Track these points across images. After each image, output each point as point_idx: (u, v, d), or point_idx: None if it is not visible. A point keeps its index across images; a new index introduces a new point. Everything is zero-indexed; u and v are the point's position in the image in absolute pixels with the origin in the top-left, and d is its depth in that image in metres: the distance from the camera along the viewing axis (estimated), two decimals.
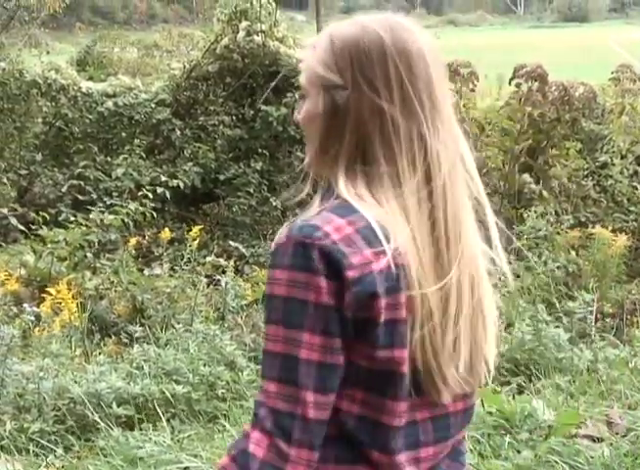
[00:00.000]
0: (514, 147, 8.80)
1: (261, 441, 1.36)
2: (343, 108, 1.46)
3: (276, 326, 1.37)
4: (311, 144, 1.53)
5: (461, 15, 69.35)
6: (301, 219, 1.40)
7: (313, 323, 1.35)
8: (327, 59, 1.50)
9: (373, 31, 1.49)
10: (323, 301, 1.35)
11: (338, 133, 1.47)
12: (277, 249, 1.39)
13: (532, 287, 6.51)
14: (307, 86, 1.53)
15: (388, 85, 1.46)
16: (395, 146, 1.45)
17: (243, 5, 10.87)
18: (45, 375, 4.56)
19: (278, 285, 1.37)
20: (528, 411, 3.93)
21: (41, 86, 10.46)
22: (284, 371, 1.36)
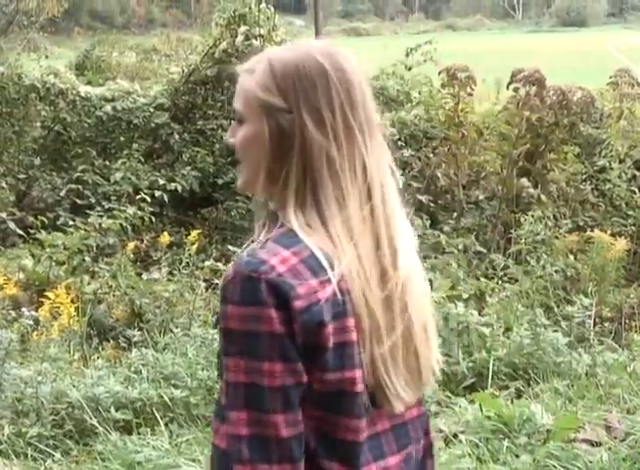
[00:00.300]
0: (512, 151, 8.81)
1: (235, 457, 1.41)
2: (289, 131, 1.49)
3: (236, 358, 1.42)
4: (251, 168, 1.55)
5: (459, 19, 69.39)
6: (247, 253, 1.44)
7: (270, 352, 1.40)
8: (268, 82, 1.52)
9: (313, 58, 1.52)
10: (276, 330, 1.40)
11: (285, 157, 1.49)
12: (226, 285, 1.43)
13: (531, 291, 6.51)
14: (245, 110, 1.55)
15: (332, 110, 1.49)
16: (339, 169, 1.48)
17: (241, 9, 10.87)
18: (43, 379, 4.56)
19: (232, 320, 1.41)
20: (527, 416, 3.93)
21: (40, 90, 10.46)
22: (251, 399, 1.41)
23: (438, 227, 8.49)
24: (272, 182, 1.52)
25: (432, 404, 4.52)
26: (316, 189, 1.48)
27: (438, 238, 8.02)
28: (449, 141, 9.24)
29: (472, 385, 4.93)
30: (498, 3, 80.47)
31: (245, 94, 1.55)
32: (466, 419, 4.07)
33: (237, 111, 1.57)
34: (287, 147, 1.49)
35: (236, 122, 1.59)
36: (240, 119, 1.56)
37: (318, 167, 1.48)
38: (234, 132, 1.58)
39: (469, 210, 9.11)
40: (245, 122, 1.55)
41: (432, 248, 8.00)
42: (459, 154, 9.16)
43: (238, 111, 1.57)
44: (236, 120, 1.59)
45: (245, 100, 1.55)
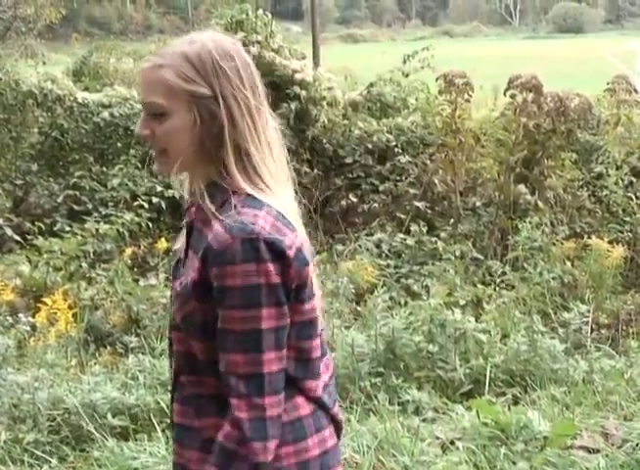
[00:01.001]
0: (509, 158, 8.82)
1: (240, 405, 1.69)
2: (219, 116, 1.72)
3: (237, 310, 1.68)
4: (179, 153, 1.76)
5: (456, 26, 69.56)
6: (232, 220, 1.68)
7: (268, 300, 1.68)
8: (190, 74, 1.72)
9: (219, 46, 1.75)
10: (272, 281, 1.68)
11: (218, 137, 1.73)
12: (225, 249, 1.66)
13: (528, 298, 6.52)
14: (170, 103, 1.73)
15: (245, 92, 1.75)
16: (260, 139, 1.76)
17: (239, 16, 10.88)
18: (40, 385, 4.55)
19: (232, 278, 1.66)
20: (524, 422, 3.93)
21: (37, 97, 10.46)
22: (249, 342, 1.68)
23: (435, 234, 8.48)
24: (205, 160, 1.76)
25: (428, 411, 4.52)
26: (250, 158, 1.75)
27: (435, 244, 8.02)
28: (446, 147, 9.25)
29: (469, 391, 4.93)
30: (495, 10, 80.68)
31: (166, 88, 1.72)
32: (463, 426, 4.07)
33: (155, 104, 1.74)
34: (219, 129, 1.73)
35: (149, 115, 1.76)
36: (160, 113, 1.74)
37: (246, 141, 1.74)
38: (149, 125, 1.76)
39: (466, 216, 9.11)
40: (168, 114, 1.74)
41: (429, 254, 8.00)
42: (456, 160, 9.16)
43: (157, 104, 1.73)
44: (149, 114, 1.76)
45: (168, 93, 1.72)
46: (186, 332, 1.78)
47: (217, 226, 1.69)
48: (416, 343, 5.13)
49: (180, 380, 1.85)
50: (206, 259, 1.69)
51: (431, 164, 9.49)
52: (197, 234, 1.80)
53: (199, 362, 1.78)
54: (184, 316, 1.77)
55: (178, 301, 1.78)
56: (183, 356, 1.81)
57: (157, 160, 1.81)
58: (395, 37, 60.20)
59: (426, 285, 7.07)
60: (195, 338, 1.77)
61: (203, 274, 1.71)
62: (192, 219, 1.84)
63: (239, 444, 1.68)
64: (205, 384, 1.79)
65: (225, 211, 1.72)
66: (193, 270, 1.74)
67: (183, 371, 1.83)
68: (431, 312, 5.33)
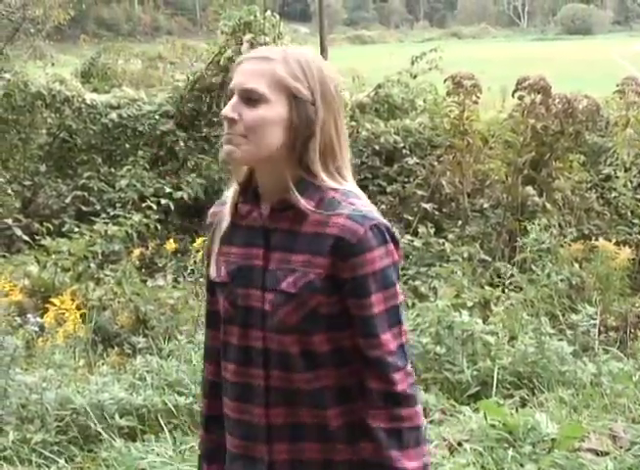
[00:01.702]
0: (517, 159, 8.81)
1: (402, 378, 1.80)
2: (315, 121, 1.81)
3: (379, 293, 1.79)
4: (264, 144, 1.80)
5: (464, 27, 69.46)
6: (351, 211, 1.79)
7: (396, 277, 1.83)
8: (299, 74, 1.81)
9: (322, 61, 1.88)
10: (396, 259, 1.83)
11: (308, 139, 1.81)
12: (359, 239, 1.77)
13: (536, 300, 6.50)
14: (270, 93, 1.80)
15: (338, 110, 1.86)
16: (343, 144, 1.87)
17: (247, 17, 10.89)
18: (48, 386, 4.56)
19: (371, 264, 1.78)
20: (532, 424, 3.92)
21: (46, 98, 10.48)
22: (392, 318, 1.81)
23: (443, 235, 8.48)
24: (287, 158, 1.82)
25: (436, 413, 4.52)
26: (334, 162, 1.85)
27: (443, 246, 8.02)
28: (454, 149, 9.24)
29: (476, 393, 4.92)
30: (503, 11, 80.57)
31: (272, 79, 1.80)
32: (470, 428, 4.07)
33: (254, 91, 1.80)
34: (311, 132, 1.81)
35: (242, 100, 1.81)
36: (256, 99, 1.80)
37: (332, 147, 1.84)
38: (238, 108, 1.81)
39: (473, 218, 9.11)
40: (264, 103, 1.80)
41: (436, 256, 7.99)
42: (464, 162, 9.15)
43: (256, 91, 1.80)
44: (242, 98, 1.81)
45: (272, 84, 1.80)
46: (308, 330, 1.81)
47: (341, 219, 1.78)
48: (423, 344, 5.13)
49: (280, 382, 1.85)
50: (339, 252, 1.78)
51: (438, 165, 9.49)
52: (284, 235, 1.84)
53: (318, 357, 1.82)
54: (305, 315, 1.80)
55: (294, 302, 1.80)
56: (297, 356, 1.83)
57: (231, 143, 1.82)
58: (403, 39, 60.18)
59: (433, 287, 7.06)
60: (317, 333, 1.81)
61: (332, 268, 1.79)
62: (261, 223, 1.87)
63: (404, 417, 1.80)
64: (322, 377, 1.83)
65: (324, 206, 1.80)
66: (314, 267, 1.79)
67: (297, 370, 1.83)
68: (438, 314, 5.33)
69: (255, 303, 1.85)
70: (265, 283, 1.84)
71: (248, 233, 1.89)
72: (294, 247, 1.81)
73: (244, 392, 1.89)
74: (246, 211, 1.90)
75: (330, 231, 1.78)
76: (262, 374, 1.86)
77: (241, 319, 1.87)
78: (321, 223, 1.80)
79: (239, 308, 1.88)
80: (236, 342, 1.89)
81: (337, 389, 1.84)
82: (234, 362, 1.90)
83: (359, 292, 1.79)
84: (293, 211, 1.82)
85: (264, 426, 1.87)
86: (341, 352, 1.83)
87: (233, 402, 1.92)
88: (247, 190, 1.90)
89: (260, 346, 1.85)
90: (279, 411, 1.86)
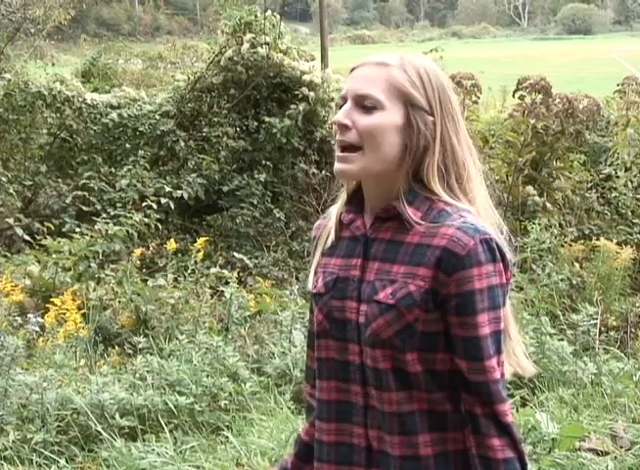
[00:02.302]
0: (517, 159, 8.81)
1: (505, 410, 1.68)
2: (430, 131, 1.72)
3: (485, 313, 1.67)
4: (381, 154, 1.72)
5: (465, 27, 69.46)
6: (462, 222, 1.68)
7: (503, 300, 1.70)
8: (417, 82, 1.73)
9: (442, 71, 1.79)
10: (503, 281, 1.70)
11: (424, 152, 1.73)
12: (468, 252, 1.66)
13: (536, 299, 6.50)
14: (387, 99, 1.72)
15: (459, 121, 1.77)
16: (461, 158, 1.77)
17: (247, 17, 10.90)
18: (49, 385, 4.56)
19: (479, 281, 1.66)
20: (532, 424, 3.92)
21: (46, 98, 10.49)
22: (496, 345, 1.68)
23: None
24: (400, 168, 1.73)
25: None
26: (451, 175, 1.75)
27: None
28: None
29: None
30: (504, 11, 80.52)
31: (389, 85, 1.72)
32: None
33: (370, 97, 1.72)
34: (426, 143, 1.72)
35: (356, 106, 1.73)
36: (371, 106, 1.72)
37: (450, 159, 1.75)
38: (352, 115, 1.73)
39: None
40: (380, 110, 1.72)
41: None
42: None
43: (373, 97, 1.72)
44: (357, 105, 1.73)
45: (389, 90, 1.72)
46: (400, 346, 1.69)
47: (451, 230, 1.67)
48: None
49: (376, 401, 1.73)
50: (444, 265, 1.66)
51: None
52: (385, 245, 1.74)
53: (410, 377, 1.70)
54: (400, 330, 1.68)
55: (390, 314, 1.69)
56: (389, 373, 1.71)
57: (343, 158, 1.74)
58: (404, 38, 60.17)
59: None
60: (410, 351, 1.69)
61: (435, 282, 1.67)
62: (363, 232, 1.78)
63: (514, 447, 1.68)
64: (416, 399, 1.71)
65: (432, 217, 1.71)
66: (416, 279, 1.68)
67: (387, 389, 1.72)
68: None
69: (350, 315, 1.75)
70: (361, 294, 1.74)
71: (349, 243, 1.80)
72: (395, 257, 1.72)
73: (343, 410, 1.77)
74: (348, 220, 1.81)
75: (437, 242, 1.68)
76: (361, 391, 1.75)
77: (336, 333, 1.77)
78: (427, 234, 1.70)
79: (334, 321, 1.77)
80: (334, 356, 1.78)
81: (429, 414, 1.71)
82: (332, 379, 1.79)
83: (464, 309, 1.66)
84: (397, 221, 1.73)
85: (364, 447, 1.75)
86: (434, 374, 1.70)
87: (329, 424, 1.79)
88: (352, 200, 1.82)
89: (358, 361, 1.74)
90: (375, 433, 1.74)
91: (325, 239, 1.85)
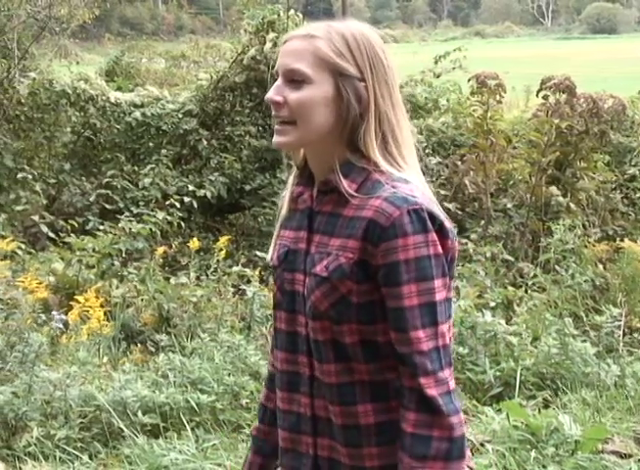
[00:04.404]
0: (541, 159, 8.76)
1: (430, 382, 1.65)
2: (365, 97, 1.71)
3: (412, 284, 1.65)
4: (312, 126, 1.72)
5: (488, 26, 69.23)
6: (390, 194, 1.67)
7: (437, 271, 1.66)
8: (343, 50, 1.71)
9: (373, 34, 1.76)
10: (439, 251, 1.67)
11: (360, 119, 1.71)
12: (392, 222, 1.65)
13: (559, 300, 6.47)
14: (314, 72, 1.71)
15: (392, 84, 1.75)
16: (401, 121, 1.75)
17: (270, 16, 10.90)
18: (72, 382, 4.59)
19: (404, 251, 1.65)
20: (555, 426, 3.90)
21: (70, 96, 10.54)
22: (426, 317, 1.66)
23: (466, 235, 8.45)
24: (337, 138, 1.74)
25: None
26: (389, 140, 1.73)
27: (466, 246, 7.98)
28: (477, 149, 9.20)
29: (499, 394, 4.91)
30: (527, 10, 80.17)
31: (315, 58, 1.71)
32: (493, 428, 4.06)
33: (298, 71, 1.72)
34: (362, 110, 1.71)
35: (286, 82, 1.73)
36: (300, 80, 1.72)
37: (388, 124, 1.73)
38: (283, 91, 1.73)
39: (497, 218, 9.07)
40: (309, 84, 1.72)
41: (459, 256, 7.95)
42: (487, 161, 9.11)
43: (301, 72, 1.72)
44: (286, 80, 1.73)
45: (316, 63, 1.71)
46: (337, 318, 1.71)
47: (378, 201, 1.67)
48: None
49: (318, 372, 1.77)
50: (370, 236, 1.67)
51: (461, 165, 9.45)
52: (326, 218, 1.76)
53: (348, 348, 1.72)
54: (335, 302, 1.71)
55: (325, 286, 1.71)
56: (327, 345, 1.74)
57: (279, 131, 1.76)
58: (426, 38, 60.01)
59: (456, 286, 7.04)
60: (347, 322, 1.71)
61: (363, 253, 1.68)
62: (309, 205, 1.80)
63: (434, 424, 1.64)
64: (355, 370, 1.73)
65: (366, 189, 1.71)
66: (346, 251, 1.70)
67: (325, 361, 1.75)
68: (461, 314, 5.31)
69: (299, 286, 1.79)
70: (306, 267, 1.77)
71: (299, 216, 1.83)
72: (333, 231, 1.73)
73: (292, 380, 1.82)
74: (297, 193, 1.85)
75: (365, 214, 1.68)
76: (307, 362, 1.79)
77: (287, 305, 1.81)
78: (360, 206, 1.70)
79: (285, 293, 1.82)
80: (284, 328, 1.83)
81: (369, 384, 1.73)
82: (283, 350, 1.84)
83: (389, 280, 1.66)
84: (336, 194, 1.74)
85: (310, 417, 1.79)
86: (372, 345, 1.72)
87: (282, 392, 1.85)
88: (303, 172, 1.85)
89: (304, 332, 1.78)
90: (321, 403, 1.77)
91: (282, 211, 1.89)
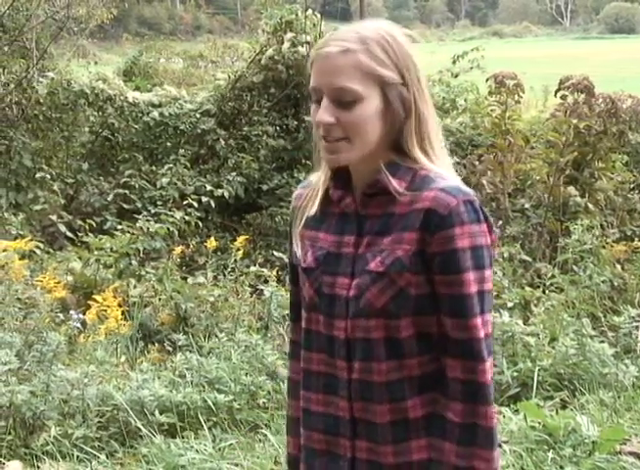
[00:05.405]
0: (559, 159, 8.73)
1: (485, 369, 1.69)
2: (407, 100, 1.72)
3: (469, 272, 1.68)
4: (368, 140, 1.71)
5: (506, 26, 69.01)
6: (445, 184, 1.70)
7: (489, 261, 1.71)
8: (384, 59, 1.70)
9: (402, 36, 1.75)
10: (489, 242, 1.72)
11: (405, 123, 1.72)
12: (450, 212, 1.67)
13: (577, 301, 6.44)
14: (362, 88, 1.69)
15: (422, 75, 1.76)
16: (435, 119, 1.78)
17: (288, 16, 10.92)
18: (90, 382, 4.60)
19: (461, 239, 1.67)
20: (572, 427, 3.89)
21: (88, 96, 10.60)
22: (480, 304, 1.69)
23: None
24: (386, 143, 1.74)
25: None
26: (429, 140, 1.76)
27: None
28: (495, 148, 9.18)
29: (516, 394, 4.89)
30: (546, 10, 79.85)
31: (361, 72, 1.69)
32: (510, 429, 4.04)
33: (347, 90, 1.69)
34: (406, 114, 1.72)
35: (335, 102, 1.70)
36: (351, 99, 1.69)
37: (426, 123, 1.75)
38: (334, 112, 1.70)
39: (514, 218, 9.04)
40: (360, 101, 1.69)
41: None
42: (505, 161, 9.09)
43: (351, 90, 1.68)
44: (335, 101, 1.70)
45: (361, 78, 1.69)
46: (395, 313, 1.71)
47: (433, 193, 1.69)
48: None
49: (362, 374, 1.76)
50: (428, 225, 1.68)
51: (479, 165, 9.43)
52: (376, 220, 1.75)
53: (402, 343, 1.73)
54: (394, 295, 1.71)
55: (382, 282, 1.71)
56: (379, 343, 1.73)
57: (332, 149, 1.73)
58: (444, 38, 59.88)
59: None
60: (404, 316, 1.72)
61: (421, 243, 1.69)
62: (354, 209, 1.78)
63: (480, 412, 1.68)
64: (405, 366, 1.73)
65: (416, 186, 1.72)
66: (402, 244, 1.70)
67: (376, 360, 1.74)
68: None
69: (341, 290, 1.76)
70: (354, 270, 1.75)
71: (340, 220, 1.81)
72: (386, 230, 1.73)
73: (329, 383, 1.80)
74: (338, 197, 1.81)
75: (420, 205, 1.69)
76: (345, 366, 1.77)
77: (325, 308, 1.79)
78: (412, 202, 1.71)
79: (323, 296, 1.79)
80: (322, 330, 1.80)
81: (418, 378, 1.73)
82: (321, 352, 1.81)
83: (448, 268, 1.68)
84: (384, 195, 1.74)
85: (349, 420, 1.78)
86: (426, 337, 1.73)
87: (318, 394, 1.82)
88: (338, 175, 1.82)
89: (343, 336, 1.76)
90: (360, 406, 1.77)
91: (307, 210, 1.85)
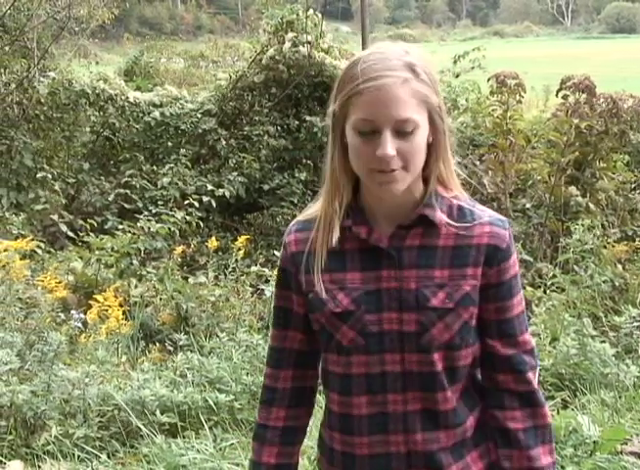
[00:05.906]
0: (560, 159, 8.72)
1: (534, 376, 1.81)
2: (442, 124, 1.73)
3: (518, 295, 1.80)
4: (418, 168, 1.70)
5: (507, 26, 69.01)
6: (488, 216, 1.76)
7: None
8: (434, 86, 1.69)
9: (422, 51, 1.74)
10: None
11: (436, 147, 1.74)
12: (507, 243, 1.75)
13: (578, 301, 6.43)
14: (420, 117, 1.66)
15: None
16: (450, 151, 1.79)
17: (289, 16, 10.93)
18: (91, 381, 4.60)
19: (514, 266, 1.78)
20: (573, 427, 3.89)
21: (89, 96, 10.60)
22: (526, 320, 1.82)
23: None
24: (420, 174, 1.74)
25: None
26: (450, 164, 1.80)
27: None
28: (497, 148, 9.17)
29: None
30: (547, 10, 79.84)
31: (416, 100, 1.65)
32: None
33: (410, 121, 1.64)
34: (439, 138, 1.74)
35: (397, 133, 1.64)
36: (412, 130, 1.65)
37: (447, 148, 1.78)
38: (394, 144, 1.64)
39: (516, 218, 9.04)
40: (417, 130, 1.66)
41: None
42: (506, 161, 9.08)
43: (412, 121, 1.65)
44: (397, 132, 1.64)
45: (418, 106, 1.66)
46: (459, 344, 1.75)
47: (487, 228, 1.75)
48: None
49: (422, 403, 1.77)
50: (491, 260, 1.74)
51: (480, 164, 9.42)
52: (416, 252, 1.73)
53: (461, 370, 1.78)
54: (459, 329, 1.73)
55: (449, 317, 1.72)
56: (442, 374, 1.76)
57: (390, 180, 1.67)
58: (445, 37, 59.90)
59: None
60: (465, 347, 1.76)
61: (484, 278, 1.74)
62: (386, 243, 1.74)
63: (538, 415, 1.81)
64: (458, 389, 1.79)
65: (456, 217, 1.74)
66: (467, 279, 1.73)
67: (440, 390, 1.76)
68: None
69: (389, 326, 1.74)
70: (402, 304, 1.73)
71: (367, 255, 1.76)
72: (434, 263, 1.72)
73: (376, 423, 1.78)
74: (365, 233, 1.75)
75: (479, 241, 1.73)
76: (400, 399, 1.76)
77: (373, 346, 1.75)
78: (462, 236, 1.73)
79: (370, 335, 1.75)
80: (367, 371, 1.77)
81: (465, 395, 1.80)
82: (362, 394, 1.78)
83: (505, 295, 1.78)
84: (422, 227, 1.73)
85: (404, 454, 1.78)
86: (476, 360, 1.82)
87: (361, 437, 1.79)
88: (355, 210, 1.77)
89: (398, 369, 1.75)
90: (420, 437, 1.77)
91: (319, 254, 1.77)
